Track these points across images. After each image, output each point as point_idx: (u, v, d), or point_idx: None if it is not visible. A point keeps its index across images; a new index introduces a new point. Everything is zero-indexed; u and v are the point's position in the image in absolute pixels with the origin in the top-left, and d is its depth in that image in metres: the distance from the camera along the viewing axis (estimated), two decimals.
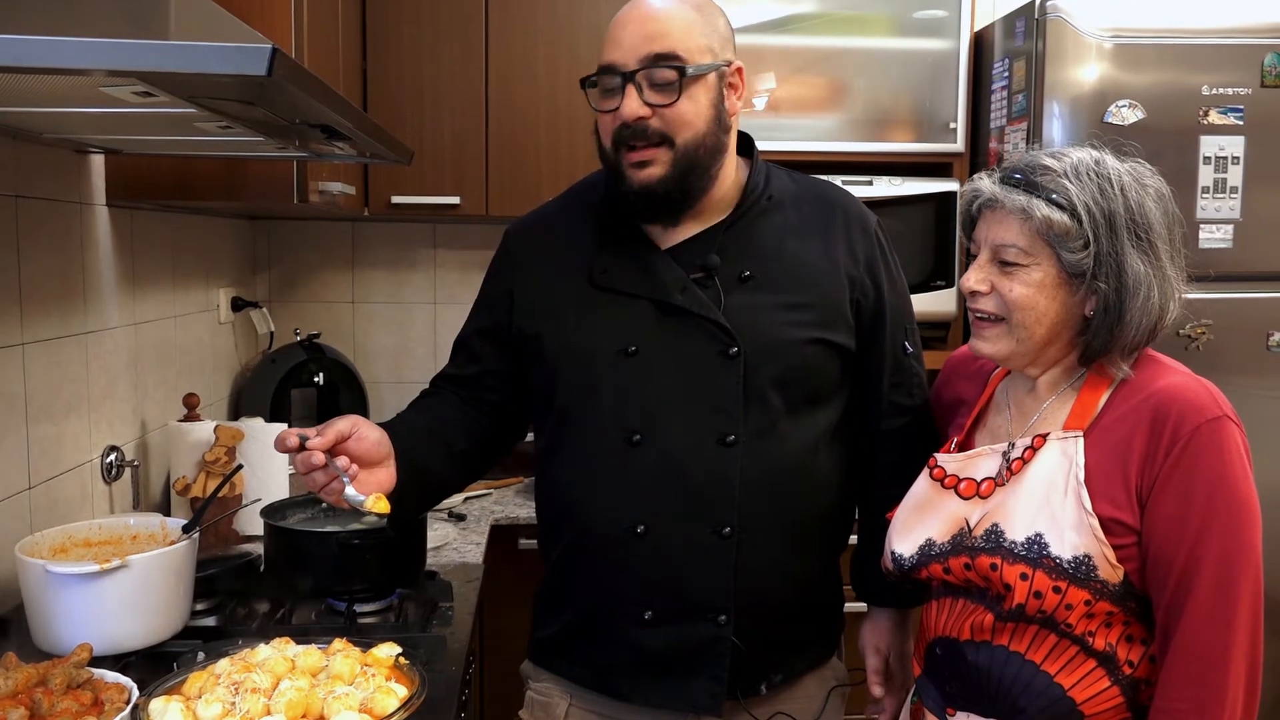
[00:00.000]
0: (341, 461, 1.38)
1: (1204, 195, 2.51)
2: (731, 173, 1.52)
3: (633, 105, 1.42)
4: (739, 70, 1.50)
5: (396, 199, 2.72)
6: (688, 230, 1.51)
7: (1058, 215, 1.27)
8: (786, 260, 1.50)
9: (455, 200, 2.74)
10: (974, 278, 1.35)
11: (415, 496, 1.51)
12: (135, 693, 1.25)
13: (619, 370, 1.47)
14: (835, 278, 1.51)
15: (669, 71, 1.41)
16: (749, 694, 1.52)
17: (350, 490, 1.37)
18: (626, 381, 1.47)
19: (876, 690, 1.63)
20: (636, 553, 1.46)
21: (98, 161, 1.95)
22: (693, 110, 1.43)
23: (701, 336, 1.45)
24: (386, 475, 1.44)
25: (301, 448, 1.36)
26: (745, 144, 1.59)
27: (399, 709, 1.22)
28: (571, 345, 1.50)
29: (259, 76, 0.93)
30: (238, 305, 2.79)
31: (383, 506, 1.39)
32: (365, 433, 1.41)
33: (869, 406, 1.58)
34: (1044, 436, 1.32)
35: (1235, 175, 2.51)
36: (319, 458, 1.36)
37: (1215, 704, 1.21)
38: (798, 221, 1.53)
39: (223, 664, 1.31)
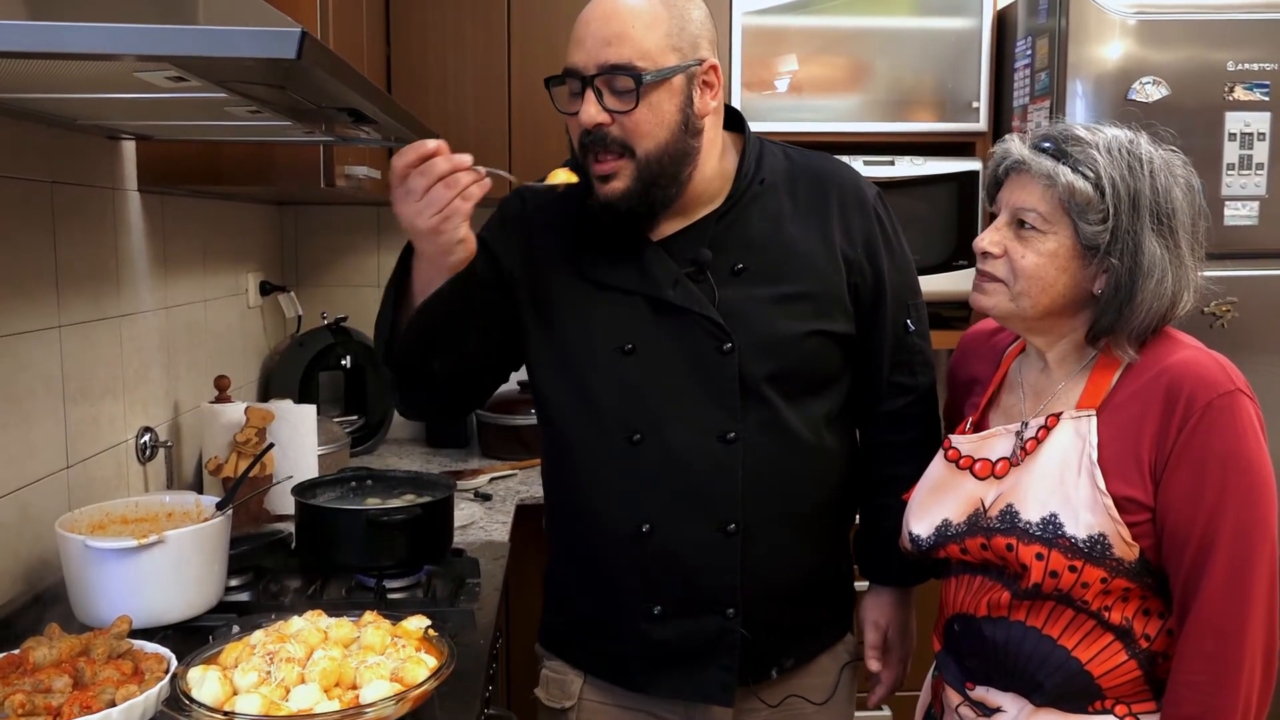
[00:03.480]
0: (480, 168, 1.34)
1: (1229, 172, 2.49)
2: (714, 162, 1.47)
3: (590, 111, 1.37)
4: (713, 68, 1.43)
5: None
6: (679, 222, 1.48)
7: (1081, 184, 1.27)
8: (781, 248, 1.47)
9: None
10: (988, 239, 1.35)
11: (471, 287, 1.41)
12: (174, 662, 1.29)
13: (617, 369, 1.45)
14: (831, 263, 1.48)
15: (626, 78, 1.36)
16: (759, 680, 1.53)
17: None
18: (625, 380, 1.45)
19: (873, 664, 1.64)
20: (643, 551, 1.46)
21: (129, 147, 1.98)
22: (653, 118, 1.38)
23: (697, 332, 1.44)
24: (473, 237, 1.40)
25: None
26: (738, 120, 1.54)
27: (429, 678, 1.25)
28: (568, 342, 1.48)
29: (289, 60, 0.95)
30: (266, 289, 2.83)
31: (572, 177, 1.40)
32: None
33: (871, 388, 1.56)
34: (1057, 416, 1.33)
35: (1261, 152, 2.48)
36: (469, 157, 1.32)
37: (1232, 676, 1.22)
38: (791, 205, 1.50)
39: (257, 635, 1.34)
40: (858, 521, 1.67)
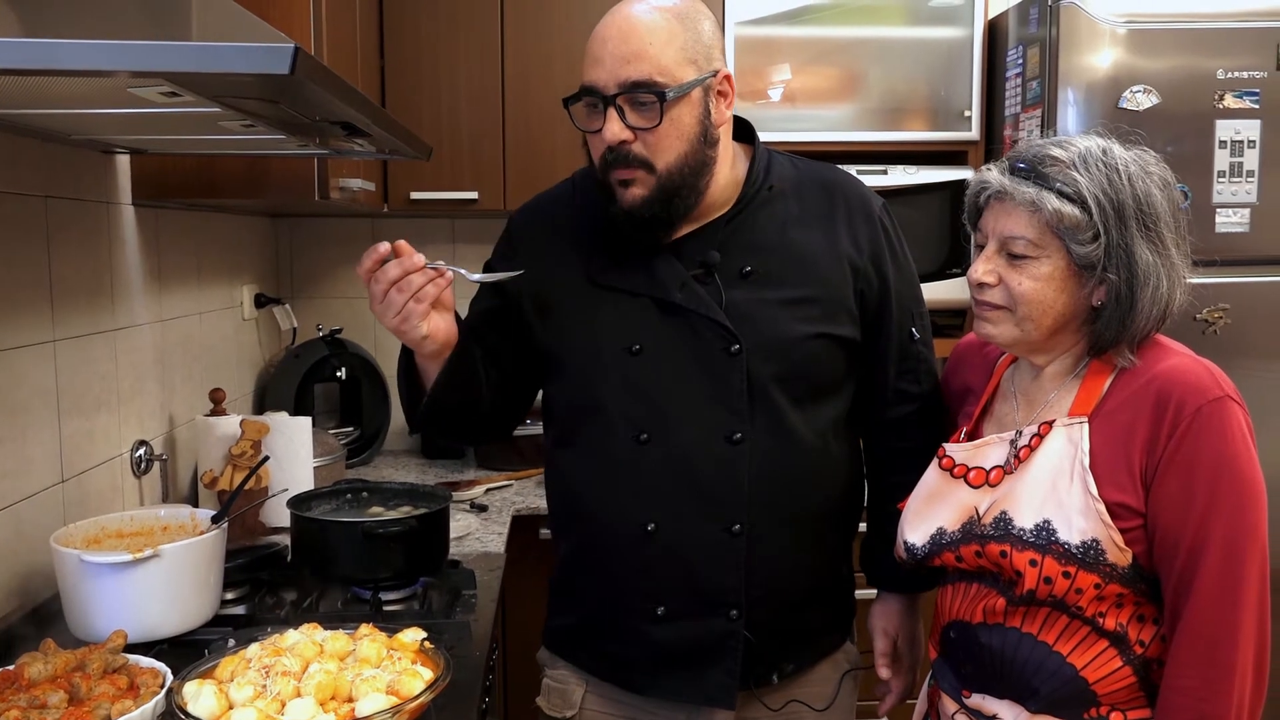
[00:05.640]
0: (439, 265, 1.39)
1: (1220, 179, 2.50)
2: (727, 170, 1.50)
3: (615, 129, 1.40)
4: (727, 78, 1.46)
5: (415, 195, 2.75)
6: (688, 225, 1.50)
7: (1068, 208, 1.28)
8: (788, 253, 1.49)
9: (473, 195, 2.77)
10: (982, 269, 1.35)
11: (464, 368, 1.48)
12: (169, 677, 1.29)
13: (625, 369, 1.47)
14: (838, 268, 1.50)
15: (650, 95, 1.38)
16: (761, 684, 1.54)
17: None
18: (632, 380, 1.47)
19: (883, 672, 1.64)
20: (648, 550, 1.47)
21: (123, 161, 1.99)
22: (675, 132, 1.41)
23: (704, 334, 1.45)
24: (451, 321, 1.44)
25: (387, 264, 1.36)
26: (747, 131, 1.57)
27: (425, 691, 1.25)
28: (576, 343, 1.51)
29: (282, 75, 0.96)
30: (261, 302, 2.83)
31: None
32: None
33: (876, 395, 1.58)
34: (1050, 424, 1.33)
35: (1251, 159, 2.50)
36: (421, 258, 1.36)
37: (1224, 681, 1.22)
38: (799, 211, 1.52)
39: (253, 649, 1.34)
40: (863, 530, 1.67)
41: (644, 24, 1.40)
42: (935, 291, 2.70)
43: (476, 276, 1.45)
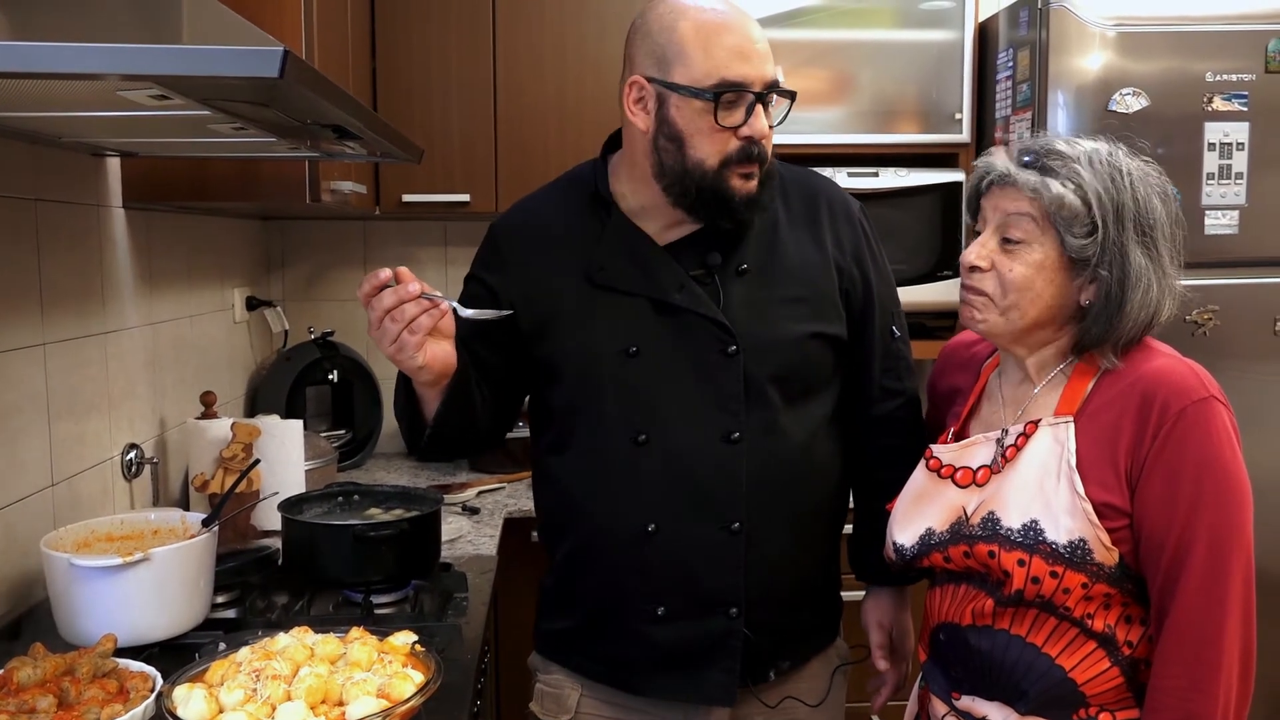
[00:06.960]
0: (436, 296, 1.36)
1: (1209, 182, 2.52)
2: None
3: (766, 125, 1.43)
4: None
5: (407, 197, 2.75)
6: (685, 228, 1.50)
7: (1069, 197, 1.29)
8: (780, 253, 1.51)
9: (465, 198, 2.77)
10: (975, 253, 1.36)
11: (463, 397, 1.48)
12: (159, 681, 1.28)
13: (621, 371, 1.48)
14: (826, 269, 1.53)
15: (784, 98, 1.45)
16: (758, 681, 1.55)
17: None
18: (629, 382, 1.48)
19: (881, 664, 1.66)
20: (648, 551, 1.48)
21: (114, 164, 1.98)
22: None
23: (701, 335, 1.47)
24: (450, 349, 1.41)
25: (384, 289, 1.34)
26: None
27: (416, 694, 1.25)
28: (572, 347, 1.51)
29: (271, 78, 0.96)
30: (252, 304, 2.83)
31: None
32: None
33: (862, 393, 1.60)
34: (1036, 423, 1.34)
35: (1240, 161, 2.51)
36: (418, 286, 1.34)
37: (1210, 680, 1.23)
38: (786, 213, 1.55)
39: (243, 652, 1.33)
40: (852, 527, 1.69)
41: (762, 32, 1.45)
42: (926, 294, 2.72)
43: (469, 312, 1.41)
